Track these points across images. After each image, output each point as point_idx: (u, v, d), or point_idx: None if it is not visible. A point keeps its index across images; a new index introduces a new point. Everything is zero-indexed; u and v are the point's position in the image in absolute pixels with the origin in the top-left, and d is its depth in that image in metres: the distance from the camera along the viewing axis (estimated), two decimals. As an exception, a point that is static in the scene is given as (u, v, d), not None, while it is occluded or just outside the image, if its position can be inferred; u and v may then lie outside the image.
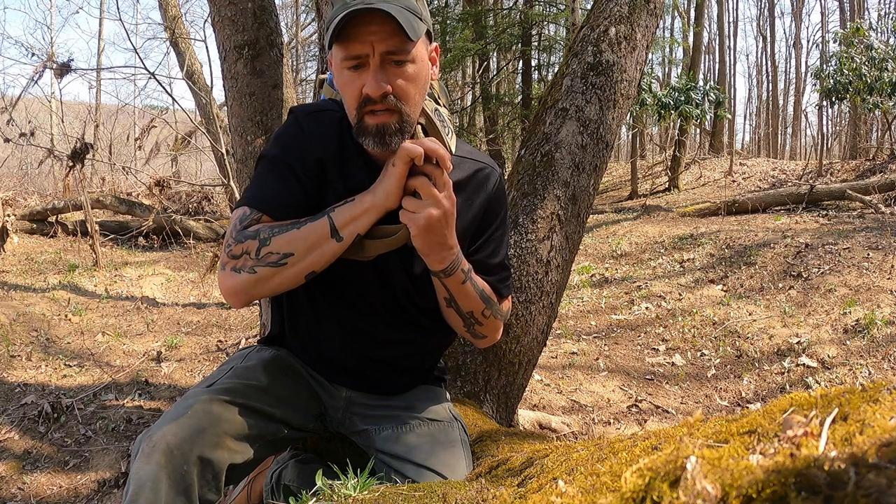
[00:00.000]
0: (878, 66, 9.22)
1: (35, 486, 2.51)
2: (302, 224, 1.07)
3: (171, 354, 4.02)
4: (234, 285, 1.07)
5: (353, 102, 1.05)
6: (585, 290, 5.78)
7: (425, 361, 1.33)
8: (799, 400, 0.53)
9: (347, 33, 1.00)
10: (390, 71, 1.03)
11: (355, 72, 1.03)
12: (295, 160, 1.13)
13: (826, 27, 25.32)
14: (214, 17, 2.45)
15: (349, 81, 1.04)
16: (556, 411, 3.28)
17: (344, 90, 1.07)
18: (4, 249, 5.80)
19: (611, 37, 2.01)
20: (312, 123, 1.16)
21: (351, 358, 1.24)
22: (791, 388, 3.45)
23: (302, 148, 1.14)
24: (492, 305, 1.22)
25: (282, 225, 1.07)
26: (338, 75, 1.07)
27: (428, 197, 1.04)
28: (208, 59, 9.05)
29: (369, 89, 1.02)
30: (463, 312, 1.20)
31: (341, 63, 1.04)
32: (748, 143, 26.51)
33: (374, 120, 1.04)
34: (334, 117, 1.16)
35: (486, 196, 1.22)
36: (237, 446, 1.05)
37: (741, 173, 12.62)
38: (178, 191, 8.83)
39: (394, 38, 1.01)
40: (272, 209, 1.10)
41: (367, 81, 1.02)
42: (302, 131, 1.15)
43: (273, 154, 1.15)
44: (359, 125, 1.06)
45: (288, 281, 1.08)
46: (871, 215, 6.98)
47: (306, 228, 1.06)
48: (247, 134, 2.45)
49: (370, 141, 1.06)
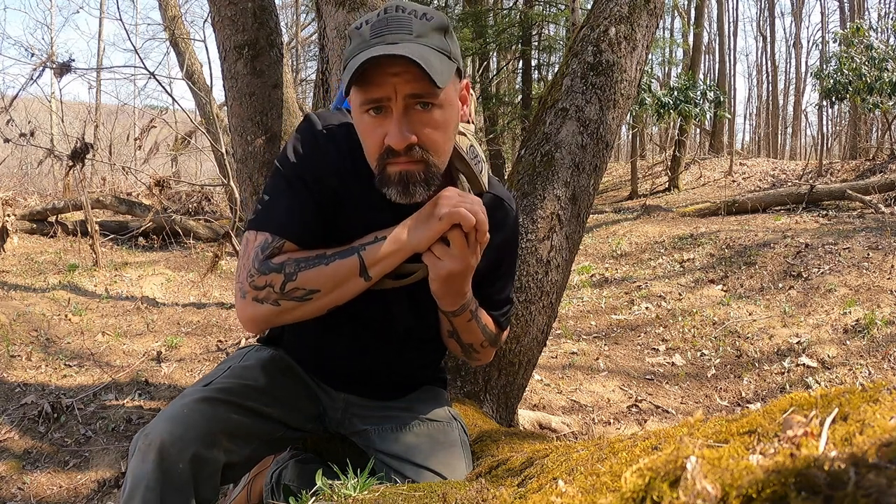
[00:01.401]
0: (878, 66, 9.22)
1: (35, 486, 2.51)
2: (330, 260, 1.02)
3: (171, 354, 4.02)
4: (255, 315, 1.04)
5: (375, 151, 0.97)
6: (585, 290, 5.78)
7: (427, 370, 1.33)
8: (799, 400, 0.53)
9: (367, 75, 0.91)
10: (415, 118, 0.94)
11: (376, 117, 0.94)
12: (311, 179, 1.05)
13: (826, 27, 25.35)
14: (214, 17, 2.45)
15: (370, 128, 0.95)
16: (556, 411, 3.28)
17: (364, 137, 0.98)
18: (4, 249, 5.80)
19: (611, 37, 2.01)
20: (329, 142, 1.06)
21: (352, 368, 1.24)
22: (791, 388, 3.45)
23: (318, 166, 1.06)
24: (491, 337, 1.23)
25: (308, 258, 1.02)
26: (357, 119, 0.98)
27: (459, 249, 0.99)
28: (208, 59, 9.05)
29: (392, 140, 0.93)
30: (464, 343, 1.21)
31: (360, 106, 0.95)
32: (748, 143, 26.52)
33: (396, 168, 0.96)
34: (353, 134, 1.06)
35: (504, 235, 1.18)
36: (233, 445, 1.05)
37: (741, 173, 12.62)
38: (178, 191, 8.83)
39: (420, 80, 0.91)
40: (295, 236, 1.03)
41: (390, 131, 0.93)
42: (318, 146, 1.06)
43: (289, 170, 1.06)
44: (381, 175, 0.98)
45: (310, 313, 1.05)
46: (871, 215, 6.98)
47: (335, 266, 1.01)
48: (247, 134, 2.44)
49: (393, 192, 0.97)
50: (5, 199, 5.93)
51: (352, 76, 0.90)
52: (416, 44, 0.92)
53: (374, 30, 0.93)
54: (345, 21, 2.08)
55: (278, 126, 2.45)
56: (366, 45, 0.92)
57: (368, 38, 0.92)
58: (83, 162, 5.35)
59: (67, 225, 7.58)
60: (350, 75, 0.90)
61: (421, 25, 0.94)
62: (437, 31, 0.95)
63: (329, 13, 2.14)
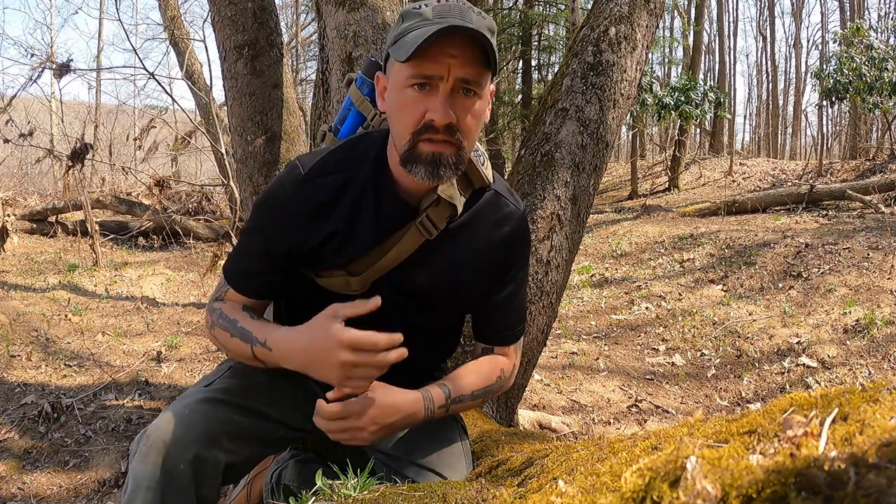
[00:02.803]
0: (878, 66, 9.22)
1: (35, 486, 2.51)
2: (234, 332, 1.07)
3: (171, 354, 4.02)
4: (207, 332, 1.16)
5: (411, 126, 0.96)
6: (585, 290, 5.78)
7: (425, 375, 1.31)
8: (799, 400, 0.53)
9: (426, 49, 0.91)
10: (458, 102, 0.95)
11: (420, 92, 0.94)
12: (277, 235, 1.07)
13: (826, 27, 25.34)
14: (214, 17, 2.45)
15: (411, 102, 0.95)
16: (556, 411, 3.28)
17: (401, 110, 0.97)
18: (4, 249, 5.80)
19: (611, 37, 2.01)
20: (318, 190, 1.06)
21: None
22: (791, 388, 3.45)
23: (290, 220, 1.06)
24: (490, 392, 1.18)
25: (227, 318, 1.09)
26: (397, 93, 0.97)
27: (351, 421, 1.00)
28: (208, 59, 9.06)
29: (436, 115, 0.93)
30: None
31: (406, 80, 0.94)
32: (748, 143, 26.53)
33: (430, 147, 0.96)
34: (340, 180, 1.06)
35: (505, 233, 1.14)
36: (234, 446, 1.05)
37: (741, 173, 12.63)
38: (178, 191, 8.82)
39: (474, 65, 0.93)
40: (237, 288, 1.12)
41: (435, 107, 0.93)
42: (297, 198, 1.06)
43: (254, 226, 1.11)
44: (410, 151, 0.97)
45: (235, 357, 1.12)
46: (871, 215, 6.98)
47: (235, 341, 1.07)
48: (247, 134, 2.44)
49: (422, 170, 0.97)
50: (5, 199, 5.93)
51: (413, 47, 0.90)
52: (479, 29, 0.93)
53: (436, 12, 0.94)
54: (345, 21, 2.08)
55: (278, 126, 2.45)
56: (429, 23, 0.92)
57: (431, 18, 0.93)
58: (83, 162, 5.35)
59: (67, 225, 7.58)
60: (408, 46, 0.91)
61: (479, 20, 0.95)
62: (489, 30, 0.96)
63: (329, 13, 2.14)
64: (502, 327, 1.20)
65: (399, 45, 0.94)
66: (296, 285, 1.15)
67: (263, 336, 1.05)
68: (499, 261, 1.14)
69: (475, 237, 1.11)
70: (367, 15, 2.08)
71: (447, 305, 1.18)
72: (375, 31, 2.08)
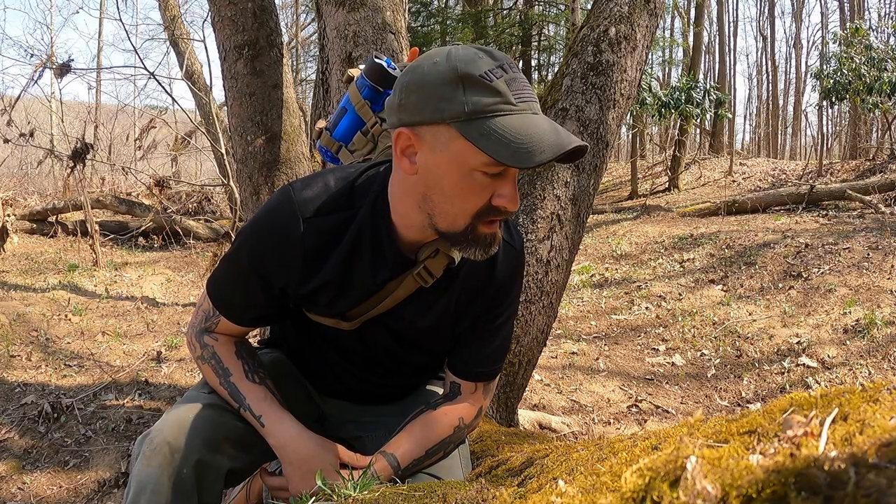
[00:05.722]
0: (877, 66, 9.23)
1: (35, 486, 2.51)
2: (225, 384, 1.07)
3: (171, 354, 4.02)
4: (191, 356, 1.17)
5: (473, 209, 0.91)
6: (585, 290, 5.78)
7: (419, 383, 1.31)
8: (799, 400, 0.53)
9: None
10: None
11: (488, 177, 0.89)
12: (266, 275, 1.03)
13: (826, 27, 25.32)
14: (214, 17, 2.45)
15: (479, 188, 0.89)
16: (556, 411, 3.28)
17: (466, 195, 0.90)
18: (4, 249, 5.80)
19: (611, 37, 2.01)
20: (312, 235, 1.00)
21: (341, 384, 1.23)
22: (791, 388, 3.45)
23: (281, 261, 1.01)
24: (448, 444, 1.13)
25: (218, 361, 1.09)
26: (461, 175, 0.89)
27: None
28: (208, 60, 9.06)
29: (509, 203, 0.90)
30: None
31: (481, 165, 0.87)
32: (748, 143, 26.53)
33: (489, 229, 0.93)
34: (336, 221, 1.00)
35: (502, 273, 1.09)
36: (237, 451, 1.05)
37: (741, 173, 12.62)
38: (178, 191, 8.83)
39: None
40: (229, 316, 1.09)
41: (506, 194, 0.90)
42: (290, 241, 1.00)
43: (243, 258, 1.03)
44: (469, 233, 0.93)
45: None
46: (871, 215, 6.98)
47: (223, 391, 1.07)
48: (247, 134, 2.45)
49: (478, 251, 0.94)
50: (5, 199, 5.93)
51: (515, 158, 0.83)
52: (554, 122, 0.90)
53: (515, 93, 0.86)
54: (345, 21, 2.08)
55: (278, 126, 2.45)
56: (515, 109, 0.85)
57: (514, 101, 0.85)
58: (83, 162, 5.36)
59: (67, 225, 7.58)
60: (525, 154, 0.83)
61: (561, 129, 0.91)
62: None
63: (329, 13, 2.14)
64: (477, 363, 1.14)
65: (486, 135, 0.83)
66: (289, 314, 1.14)
67: (259, 411, 1.04)
68: (491, 297, 1.11)
69: (470, 279, 1.08)
70: (367, 15, 2.09)
71: (436, 342, 1.15)
72: (375, 31, 2.08)
